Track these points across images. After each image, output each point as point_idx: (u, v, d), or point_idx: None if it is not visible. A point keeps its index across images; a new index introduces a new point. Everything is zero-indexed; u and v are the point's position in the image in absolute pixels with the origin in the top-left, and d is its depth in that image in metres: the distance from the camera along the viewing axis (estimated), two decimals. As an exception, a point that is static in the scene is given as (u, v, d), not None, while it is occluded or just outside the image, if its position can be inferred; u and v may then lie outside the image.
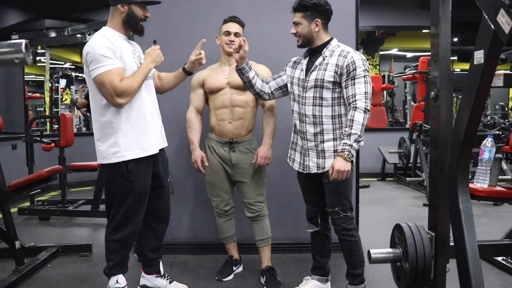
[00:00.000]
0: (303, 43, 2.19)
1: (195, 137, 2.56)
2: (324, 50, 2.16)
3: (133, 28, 2.18)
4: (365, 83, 2.06)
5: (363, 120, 2.02)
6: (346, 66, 2.07)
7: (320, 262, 2.38)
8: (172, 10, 2.98)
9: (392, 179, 6.37)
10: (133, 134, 2.12)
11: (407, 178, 5.68)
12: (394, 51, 10.36)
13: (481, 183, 2.47)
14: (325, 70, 2.11)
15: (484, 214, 4.29)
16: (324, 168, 2.15)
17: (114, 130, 2.11)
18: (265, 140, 2.53)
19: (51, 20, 6.21)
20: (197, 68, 2.36)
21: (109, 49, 2.03)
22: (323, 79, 2.11)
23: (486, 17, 1.21)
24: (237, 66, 2.25)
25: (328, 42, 2.17)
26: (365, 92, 2.05)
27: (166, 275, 2.46)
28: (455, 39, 8.75)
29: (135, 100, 2.12)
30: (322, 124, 2.14)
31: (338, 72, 2.09)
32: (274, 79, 2.35)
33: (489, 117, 8.62)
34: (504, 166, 4.70)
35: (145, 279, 2.44)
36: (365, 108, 2.03)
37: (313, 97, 2.14)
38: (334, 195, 2.15)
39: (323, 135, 2.14)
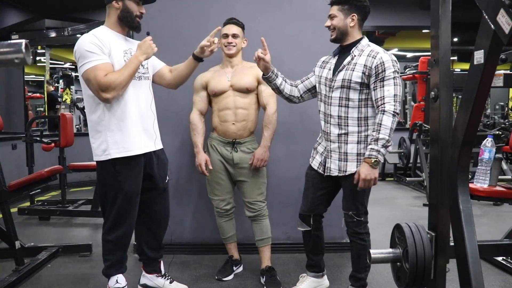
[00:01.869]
0: (336, 37, 2.13)
1: (199, 140, 2.56)
2: (353, 49, 2.10)
3: (129, 25, 2.17)
4: (394, 85, 1.99)
5: (392, 124, 1.95)
6: (375, 67, 2.00)
7: (314, 260, 2.39)
8: (172, 10, 2.98)
9: (392, 179, 6.37)
10: (119, 133, 2.11)
11: (407, 178, 5.68)
12: (394, 51, 10.34)
13: (481, 183, 2.48)
14: (353, 70, 2.05)
15: (484, 214, 4.29)
16: (346, 171, 2.10)
17: (103, 127, 2.10)
18: (263, 142, 2.54)
19: (51, 20, 6.21)
20: (208, 55, 2.26)
21: (94, 45, 2.02)
22: (350, 80, 2.05)
23: (486, 17, 1.21)
24: (263, 75, 2.22)
25: (358, 41, 2.12)
26: (395, 95, 1.98)
27: (167, 275, 2.46)
28: (455, 39, 8.76)
29: (122, 98, 2.10)
30: (348, 126, 2.08)
31: (366, 73, 2.02)
32: (302, 82, 2.31)
33: (489, 117, 8.62)
34: (504, 166, 4.71)
35: (146, 278, 2.44)
36: (394, 112, 1.96)
37: (339, 97, 2.09)
38: (350, 199, 2.14)
39: (347, 137, 2.09)
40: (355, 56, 2.09)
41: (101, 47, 2.04)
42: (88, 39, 2.04)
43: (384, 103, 1.98)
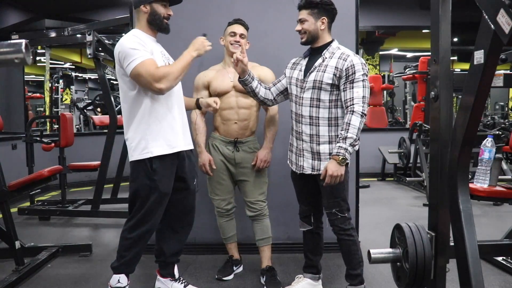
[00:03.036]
0: (307, 40, 2.18)
1: (201, 140, 2.57)
2: (324, 52, 2.15)
3: (158, 27, 2.19)
4: (363, 87, 2.06)
5: (360, 124, 2.02)
6: (346, 69, 2.06)
7: (312, 260, 2.40)
8: (173, 10, 2.98)
9: (392, 179, 6.37)
10: (161, 130, 2.12)
11: (407, 178, 5.68)
12: (394, 51, 10.38)
13: (481, 183, 2.48)
14: (324, 71, 2.11)
15: (484, 214, 4.29)
16: (320, 170, 2.14)
17: (143, 126, 2.11)
18: (265, 143, 2.56)
19: (51, 20, 6.22)
20: (205, 111, 2.52)
21: (138, 43, 2.05)
22: (322, 81, 2.10)
23: (486, 17, 1.21)
24: (239, 78, 2.25)
25: (329, 44, 2.17)
26: (363, 96, 2.05)
27: (181, 279, 2.43)
28: (455, 39, 8.76)
29: (163, 97, 2.12)
30: (318, 126, 2.14)
31: (337, 75, 2.08)
32: (274, 85, 2.35)
33: (489, 117, 8.63)
34: (504, 166, 4.70)
35: (160, 282, 2.41)
36: (362, 112, 2.03)
37: (311, 98, 2.14)
38: (331, 197, 2.16)
39: (318, 137, 2.14)
40: (326, 58, 2.14)
41: (144, 46, 2.06)
42: (130, 38, 2.07)
43: (353, 104, 2.04)
